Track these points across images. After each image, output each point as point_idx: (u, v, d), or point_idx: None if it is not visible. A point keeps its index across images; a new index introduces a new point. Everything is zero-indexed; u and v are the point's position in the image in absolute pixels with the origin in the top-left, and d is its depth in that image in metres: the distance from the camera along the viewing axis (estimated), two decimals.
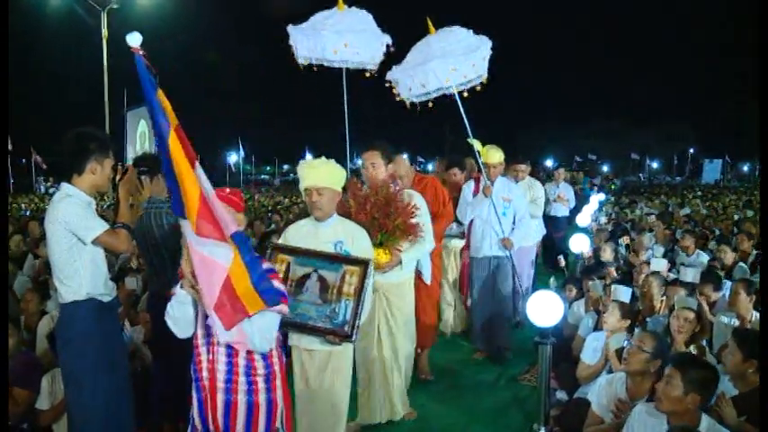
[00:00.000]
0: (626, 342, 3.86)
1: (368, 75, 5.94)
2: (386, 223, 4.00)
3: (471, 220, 6.07)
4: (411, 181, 5.33)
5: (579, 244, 7.56)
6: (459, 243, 6.63)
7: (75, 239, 3.25)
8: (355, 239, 3.63)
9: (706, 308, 4.67)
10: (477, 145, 5.84)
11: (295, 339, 3.64)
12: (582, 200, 13.54)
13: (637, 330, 4.24)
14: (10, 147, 22.90)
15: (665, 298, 4.99)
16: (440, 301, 6.38)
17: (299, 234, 3.71)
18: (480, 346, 6.18)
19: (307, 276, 3.48)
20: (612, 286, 4.68)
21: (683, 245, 7.40)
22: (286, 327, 3.33)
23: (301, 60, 5.85)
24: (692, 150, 70.29)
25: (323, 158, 3.65)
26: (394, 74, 5.67)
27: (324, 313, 3.43)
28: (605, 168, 61.05)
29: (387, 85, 5.70)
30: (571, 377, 4.52)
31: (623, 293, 4.48)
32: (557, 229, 9.85)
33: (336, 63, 5.86)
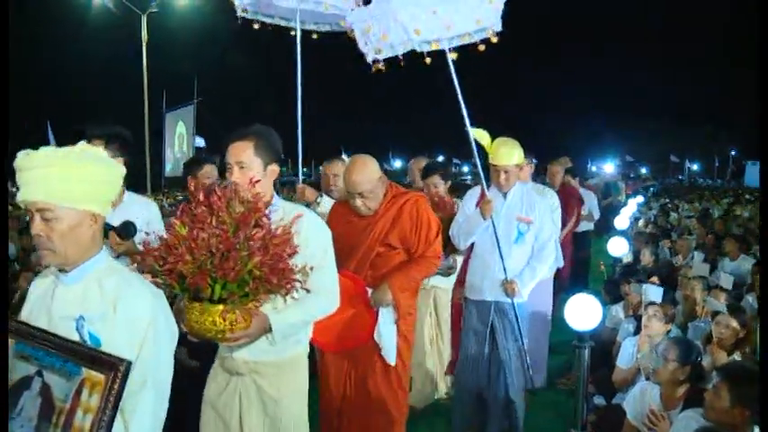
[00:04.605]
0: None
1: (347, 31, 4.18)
2: (228, 266, 2.13)
3: (472, 245, 4.18)
4: (377, 200, 3.48)
5: (618, 247, 7.46)
6: (442, 282, 4.74)
7: None
8: (120, 311, 1.86)
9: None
10: (480, 137, 4.04)
11: None
12: (612, 210, 12.59)
13: (663, 341, 4.17)
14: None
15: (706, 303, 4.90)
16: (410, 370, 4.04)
17: (36, 295, 2.04)
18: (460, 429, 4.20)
19: (26, 382, 1.79)
20: (643, 287, 4.61)
21: (726, 249, 7.24)
22: None
23: (246, 8, 4.34)
24: (733, 152, 68.67)
25: (76, 148, 1.90)
26: (352, 17, 3.90)
27: None
28: (644, 171, 60.06)
29: (349, 35, 3.99)
30: (609, 382, 4.49)
31: (655, 294, 4.41)
32: (579, 248, 7.68)
33: (298, 8, 4.31)
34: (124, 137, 3.29)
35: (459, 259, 4.50)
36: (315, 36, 4.59)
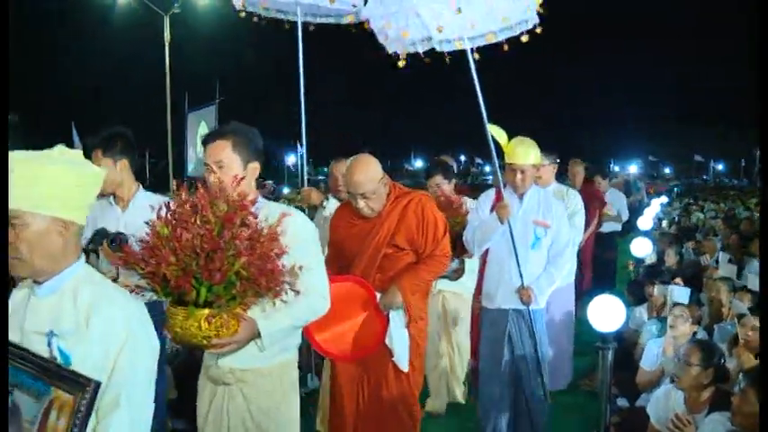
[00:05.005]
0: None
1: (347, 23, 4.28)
2: (214, 267, 2.04)
3: (486, 251, 3.96)
4: (380, 200, 3.32)
5: (641, 248, 7.38)
6: (450, 286, 4.58)
7: None
8: (94, 325, 1.72)
9: None
10: (498, 135, 3.84)
11: None
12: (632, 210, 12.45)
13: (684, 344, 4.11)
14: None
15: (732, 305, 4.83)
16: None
17: (11, 308, 1.89)
18: None
19: None
20: (669, 288, 4.56)
21: (753, 250, 7.12)
22: None
23: (245, 3, 4.27)
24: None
25: (53, 152, 1.82)
26: (367, 12, 3.82)
27: None
28: (667, 170, 59.41)
29: (366, 27, 3.92)
30: (633, 383, 4.44)
31: (681, 295, 4.35)
32: (605, 249, 7.29)
33: (298, 1, 4.26)
34: (125, 136, 3.16)
35: (468, 261, 4.39)
36: (311, 27, 4.51)
